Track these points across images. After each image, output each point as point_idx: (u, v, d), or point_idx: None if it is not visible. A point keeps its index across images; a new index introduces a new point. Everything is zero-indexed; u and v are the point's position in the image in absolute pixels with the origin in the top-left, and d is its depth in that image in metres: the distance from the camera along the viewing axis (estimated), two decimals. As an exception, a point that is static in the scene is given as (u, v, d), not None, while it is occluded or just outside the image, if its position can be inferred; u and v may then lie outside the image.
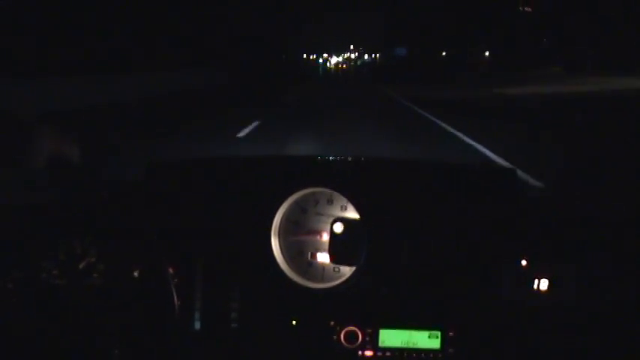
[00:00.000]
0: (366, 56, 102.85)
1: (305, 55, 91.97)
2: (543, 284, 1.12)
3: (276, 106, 14.50)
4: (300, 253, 1.20)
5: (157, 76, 17.45)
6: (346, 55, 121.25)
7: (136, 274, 1.07)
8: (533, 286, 1.12)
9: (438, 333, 1.13)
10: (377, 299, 1.15)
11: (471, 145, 7.79)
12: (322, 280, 1.18)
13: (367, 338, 1.13)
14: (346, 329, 1.14)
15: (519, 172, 1.26)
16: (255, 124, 10.09)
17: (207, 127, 10.00)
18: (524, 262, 1.13)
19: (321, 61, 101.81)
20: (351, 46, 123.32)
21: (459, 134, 8.78)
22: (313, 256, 1.20)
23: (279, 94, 18.60)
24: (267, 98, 16.87)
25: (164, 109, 13.77)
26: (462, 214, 1.17)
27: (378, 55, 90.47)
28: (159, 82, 17.05)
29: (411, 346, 1.12)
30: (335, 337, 1.14)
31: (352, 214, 1.17)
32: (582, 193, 1.27)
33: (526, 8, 41.48)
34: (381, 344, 1.13)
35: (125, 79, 15.24)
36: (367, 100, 17.44)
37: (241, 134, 8.98)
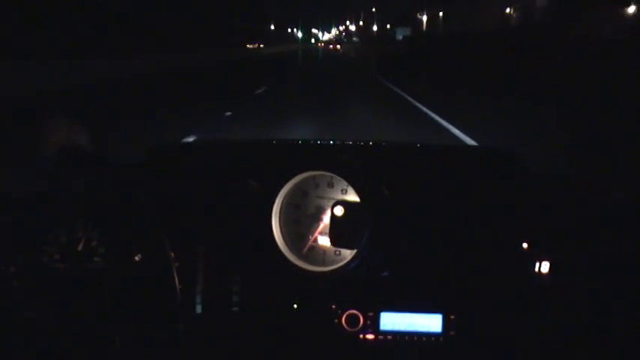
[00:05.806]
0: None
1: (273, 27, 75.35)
2: (544, 267, 1.12)
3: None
4: (301, 236, 1.20)
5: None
6: (342, 28, 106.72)
7: (137, 257, 1.06)
8: (534, 269, 1.13)
9: (439, 316, 1.13)
10: (378, 282, 1.15)
11: None
12: (323, 263, 1.18)
13: (368, 322, 1.13)
14: (347, 313, 1.14)
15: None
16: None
17: None
18: (525, 245, 1.13)
19: (300, 35, 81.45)
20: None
21: None
22: (314, 239, 1.20)
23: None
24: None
25: None
26: (462, 197, 1.17)
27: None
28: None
29: (412, 329, 1.13)
30: (336, 320, 1.14)
31: (353, 197, 1.17)
32: (585, 176, 1.27)
33: None
34: (382, 328, 1.13)
35: None
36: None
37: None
